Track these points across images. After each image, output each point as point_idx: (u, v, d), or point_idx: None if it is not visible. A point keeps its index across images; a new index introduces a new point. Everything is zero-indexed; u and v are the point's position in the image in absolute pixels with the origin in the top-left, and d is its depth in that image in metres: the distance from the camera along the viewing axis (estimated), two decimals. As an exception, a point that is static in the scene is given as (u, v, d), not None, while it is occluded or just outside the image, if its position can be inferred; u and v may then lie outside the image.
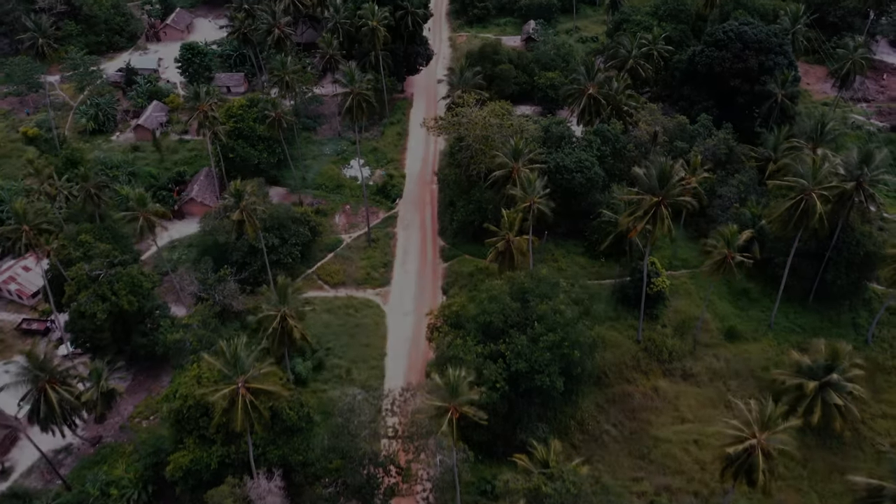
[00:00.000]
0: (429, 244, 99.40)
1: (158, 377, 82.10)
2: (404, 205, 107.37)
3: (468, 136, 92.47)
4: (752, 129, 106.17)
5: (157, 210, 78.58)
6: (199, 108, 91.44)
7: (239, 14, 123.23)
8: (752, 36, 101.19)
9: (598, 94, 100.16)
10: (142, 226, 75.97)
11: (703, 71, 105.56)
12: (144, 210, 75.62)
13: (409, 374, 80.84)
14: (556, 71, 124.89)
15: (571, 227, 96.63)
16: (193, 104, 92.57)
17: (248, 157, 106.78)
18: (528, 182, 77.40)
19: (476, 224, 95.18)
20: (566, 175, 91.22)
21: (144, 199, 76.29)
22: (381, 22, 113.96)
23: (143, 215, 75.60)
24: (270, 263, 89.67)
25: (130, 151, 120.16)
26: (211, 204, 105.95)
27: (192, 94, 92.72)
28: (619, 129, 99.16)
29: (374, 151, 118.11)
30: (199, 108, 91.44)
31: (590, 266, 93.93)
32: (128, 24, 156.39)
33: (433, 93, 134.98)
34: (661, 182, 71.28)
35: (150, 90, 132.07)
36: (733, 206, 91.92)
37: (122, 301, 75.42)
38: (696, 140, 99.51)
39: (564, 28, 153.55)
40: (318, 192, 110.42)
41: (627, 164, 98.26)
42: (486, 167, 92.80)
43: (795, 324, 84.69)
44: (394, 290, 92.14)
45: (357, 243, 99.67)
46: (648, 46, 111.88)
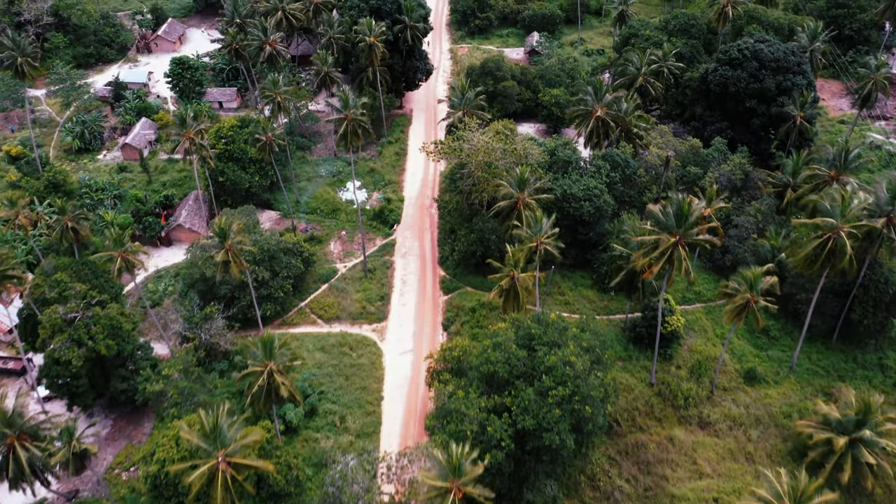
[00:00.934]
0: (428, 275, 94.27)
1: (140, 423, 76.98)
2: (402, 231, 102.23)
3: (470, 163, 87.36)
4: (769, 151, 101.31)
5: (136, 249, 73.34)
6: (184, 134, 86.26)
7: (230, 29, 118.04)
8: (769, 54, 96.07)
9: (607, 115, 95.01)
10: (119, 267, 70.72)
11: (716, 90, 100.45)
12: (122, 250, 70.35)
13: (408, 421, 75.83)
14: (561, 87, 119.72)
15: (579, 258, 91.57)
16: (179, 130, 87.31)
17: (239, 180, 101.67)
18: (534, 221, 72.18)
19: (478, 255, 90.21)
20: (574, 204, 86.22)
21: (121, 239, 71.10)
22: (379, 38, 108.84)
23: (120, 255, 70.38)
24: (261, 298, 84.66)
25: (117, 172, 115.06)
26: (200, 230, 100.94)
27: (178, 120, 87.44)
28: (629, 153, 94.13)
29: (372, 173, 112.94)
30: (184, 134, 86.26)
31: (598, 300, 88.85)
32: (118, 36, 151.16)
33: (433, 108, 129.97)
34: (679, 220, 66.15)
35: (139, 106, 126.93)
36: (751, 236, 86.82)
37: (99, 346, 70.28)
38: (710, 165, 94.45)
39: (569, 40, 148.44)
40: (312, 217, 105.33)
41: (638, 190, 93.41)
42: (490, 195, 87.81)
43: (819, 365, 79.56)
44: (391, 326, 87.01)
45: (353, 273, 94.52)
46: (658, 63, 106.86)
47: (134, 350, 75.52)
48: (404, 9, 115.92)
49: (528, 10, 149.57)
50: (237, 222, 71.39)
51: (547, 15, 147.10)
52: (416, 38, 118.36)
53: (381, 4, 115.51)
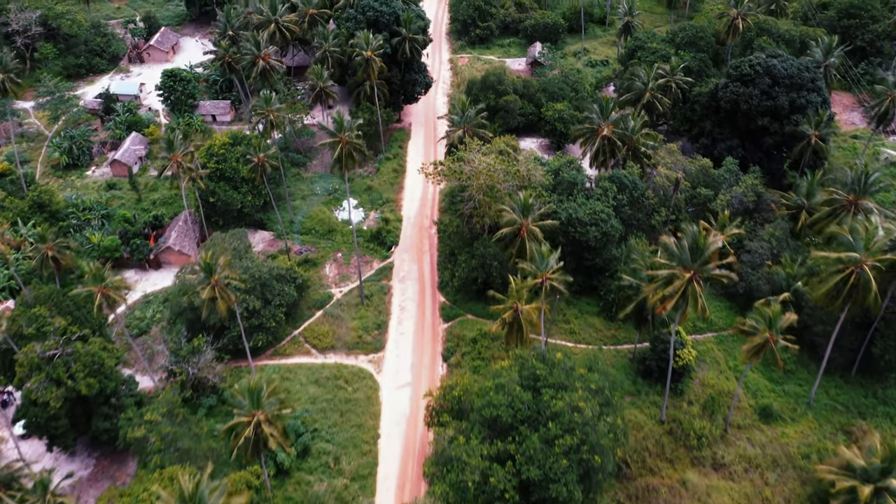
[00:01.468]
0: (427, 301, 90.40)
1: (124, 463, 73.03)
2: (400, 253, 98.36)
3: (471, 186, 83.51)
4: (781, 171, 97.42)
5: (117, 284, 69.34)
6: (172, 158, 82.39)
7: (223, 41, 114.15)
8: (783, 71, 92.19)
9: (613, 134, 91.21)
10: (99, 304, 66.81)
11: (727, 107, 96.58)
12: (102, 286, 66.44)
13: (406, 461, 72.00)
14: (564, 101, 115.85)
15: (585, 284, 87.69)
16: (166, 153, 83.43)
17: (231, 201, 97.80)
18: (539, 256, 68.30)
19: (479, 281, 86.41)
20: (579, 229, 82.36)
21: (101, 274, 67.13)
22: (377, 51, 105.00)
23: (100, 291, 66.48)
24: (252, 327, 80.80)
25: (105, 190, 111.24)
26: (190, 252, 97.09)
27: (165, 143, 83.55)
28: (637, 173, 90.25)
29: (369, 191, 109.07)
30: (172, 158, 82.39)
31: (605, 328, 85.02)
32: (109, 45, 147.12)
33: (432, 122, 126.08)
34: (694, 254, 62.36)
35: (129, 120, 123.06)
36: (765, 263, 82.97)
37: (79, 385, 66.46)
38: (722, 186, 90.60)
39: (572, 50, 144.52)
40: (306, 238, 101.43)
41: (646, 213, 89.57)
42: (492, 220, 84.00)
43: (837, 401, 75.72)
44: (388, 357, 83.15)
45: (348, 299, 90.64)
46: (666, 78, 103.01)
47: (117, 386, 71.67)
48: (402, 21, 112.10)
49: (529, 20, 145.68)
50: (224, 256, 67.40)
51: (549, 24, 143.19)
52: (415, 51, 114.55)
53: (379, 16, 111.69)
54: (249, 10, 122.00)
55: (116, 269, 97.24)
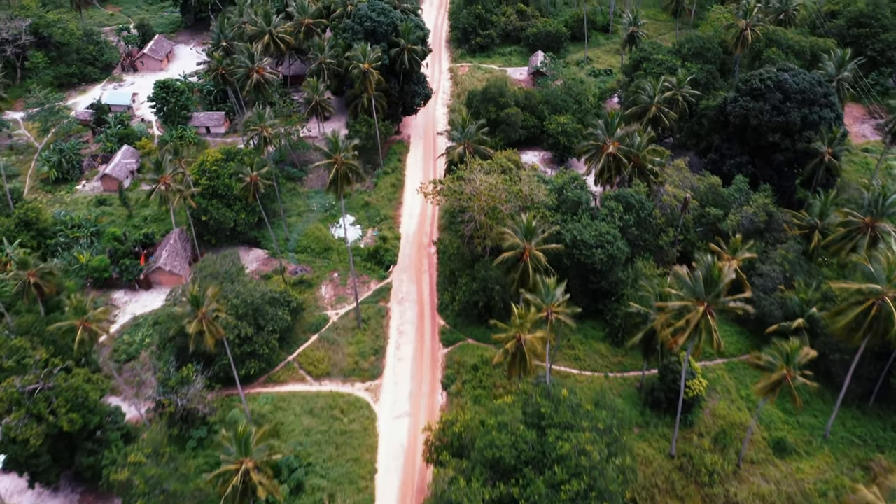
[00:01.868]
0: (427, 324, 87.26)
1: (109, 499, 69.78)
2: (399, 273, 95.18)
3: (472, 207, 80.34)
4: (793, 188, 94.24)
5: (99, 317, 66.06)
6: (161, 179, 79.22)
7: (216, 52, 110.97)
8: (794, 85, 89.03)
9: (619, 151, 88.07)
10: (81, 339, 63.63)
11: (736, 122, 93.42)
12: (83, 319, 63.26)
13: (404, 497, 68.87)
14: (567, 114, 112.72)
15: (590, 307, 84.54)
16: (155, 175, 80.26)
17: (224, 219, 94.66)
18: (545, 288, 65.11)
19: (480, 305, 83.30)
20: (584, 251, 79.25)
21: (83, 307, 63.94)
22: (374, 64, 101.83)
23: (82, 325, 63.31)
24: (244, 354, 77.64)
25: (95, 205, 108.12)
26: (181, 273, 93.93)
27: (153, 164, 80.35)
28: (643, 192, 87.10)
29: (366, 207, 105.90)
30: (161, 179, 79.22)
31: (611, 355, 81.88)
32: (101, 54, 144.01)
33: (432, 134, 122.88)
34: (709, 285, 59.22)
35: (121, 132, 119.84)
36: (777, 287, 79.81)
37: (61, 421, 63.40)
38: (731, 206, 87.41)
39: (574, 59, 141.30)
40: (302, 257, 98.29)
41: (653, 233, 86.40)
42: (493, 242, 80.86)
43: (854, 434, 72.52)
44: (386, 384, 79.98)
45: (345, 322, 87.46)
46: (673, 91, 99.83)
47: (102, 419, 68.52)
48: (401, 31, 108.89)
49: (531, 28, 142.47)
50: (212, 287, 64.19)
51: (552, 33, 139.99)
52: (414, 62, 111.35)
53: (377, 27, 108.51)
54: (244, 20, 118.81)
55: (105, 289, 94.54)
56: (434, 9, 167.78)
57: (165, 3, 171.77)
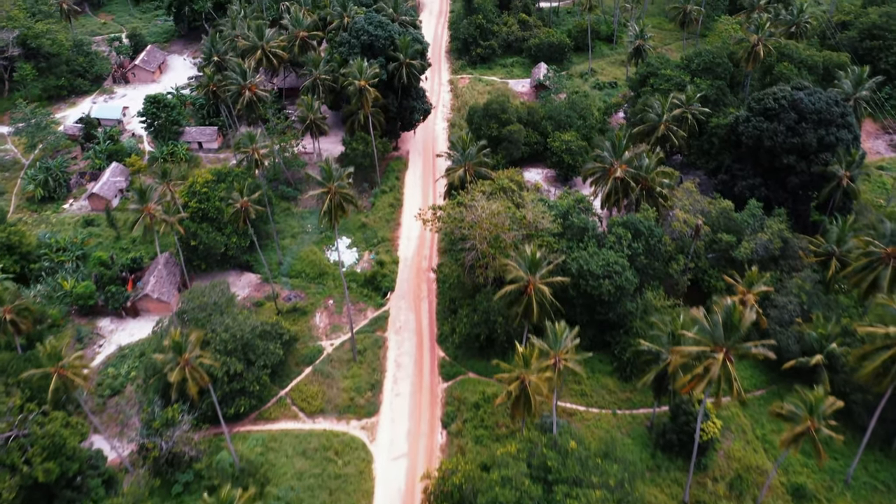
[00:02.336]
0: (426, 356, 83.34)
1: (89, 550, 66.03)
2: (397, 300, 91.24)
3: (472, 236, 76.43)
4: (807, 212, 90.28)
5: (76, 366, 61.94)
6: (144, 209, 75.30)
7: (207, 68, 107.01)
8: (810, 105, 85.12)
9: (627, 174, 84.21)
10: (56, 387, 59.67)
11: (748, 143, 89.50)
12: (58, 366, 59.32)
13: (401, 548, 65.05)
14: (571, 130, 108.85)
15: (596, 339, 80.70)
16: (138, 205, 76.31)
17: (214, 244, 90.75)
18: (553, 334, 61.19)
19: (482, 338, 79.42)
20: (591, 282, 75.35)
21: (58, 353, 60.03)
22: (371, 80, 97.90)
23: (56, 372, 59.36)
24: (233, 392, 73.78)
25: (83, 226, 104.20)
26: (169, 300, 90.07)
27: (136, 194, 76.43)
28: (652, 216, 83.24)
29: (363, 228, 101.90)
30: (144, 209, 75.30)
31: (619, 390, 77.96)
32: (92, 65, 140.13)
33: (431, 149, 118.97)
34: (728, 330, 55.35)
35: (110, 149, 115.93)
36: (794, 320, 75.91)
37: (36, 471, 59.47)
38: (745, 231, 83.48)
39: (578, 70, 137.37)
40: (296, 282, 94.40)
41: (663, 261, 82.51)
42: (496, 272, 76.98)
43: (877, 479, 68.59)
44: (383, 423, 76.03)
45: (340, 354, 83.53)
46: (682, 108, 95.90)
47: (82, 466, 64.63)
48: (399, 46, 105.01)
49: (534, 38, 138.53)
50: (196, 332, 60.25)
51: (554, 44, 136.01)
52: (413, 77, 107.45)
53: (374, 41, 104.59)
54: (236, 33, 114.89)
55: (91, 316, 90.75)
56: (433, 17, 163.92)
57: (159, 11, 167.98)
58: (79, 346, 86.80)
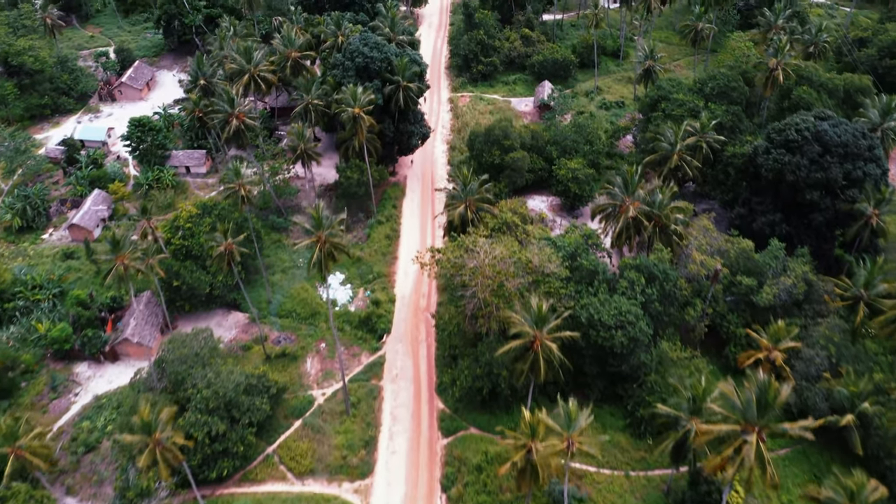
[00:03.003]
0: (424, 408, 77.68)
1: None
2: (393, 343, 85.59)
3: (474, 283, 70.76)
4: (832, 251, 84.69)
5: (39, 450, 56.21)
6: (118, 259, 69.61)
7: (193, 93, 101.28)
8: (835, 137, 79.54)
9: (640, 212, 78.64)
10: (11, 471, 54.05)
11: (768, 176, 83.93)
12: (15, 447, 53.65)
13: None
14: (577, 157, 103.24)
15: (607, 391, 75.23)
16: (110, 255, 70.60)
17: (198, 284, 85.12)
18: (566, 415, 55.48)
19: (485, 392, 73.80)
20: (602, 332, 69.76)
21: (15, 433, 54.36)
22: (366, 108, 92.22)
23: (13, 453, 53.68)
24: (215, 454, 68.09)
25: (62, 259, 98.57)
26: (150, 344, 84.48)
27: (109, 243, 70.74)
28: (667, 257, 77.64)
29: (358, 263, 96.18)
30: (118, 259, 69.61)
31: (633, 448, 72.29)
32: (77, 83, 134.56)
33: (430, 173, 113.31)
34: (762, 409, 49.79)
35: (92, 175, 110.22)
36: (822, 375, 70.30)
37: (-7, 558, 53.99)
38: (766, 274, 77.82)
39: (584, 88, 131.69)
40: (286, 322, 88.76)
41: (679, 306, 76.90)
42: (499, 323, 71.36)
43: (916, 554, 63.05)
44: (378, 484, 70.34)
45: (332, 406, 77.89)
46: (696, 136, 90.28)
47: (48, 543, 59.19)
48: (396, 68, 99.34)
49: (537, 55, 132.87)
50: (167, 409, 54.60)
51: (559, 60, 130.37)
52: (410, 100, 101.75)
53: (369, 63, 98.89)
54: (224, 53, 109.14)
55: (67, 360, 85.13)
56: (433, 30, 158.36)
57: (148, 24, 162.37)
58: (52, 395, 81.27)
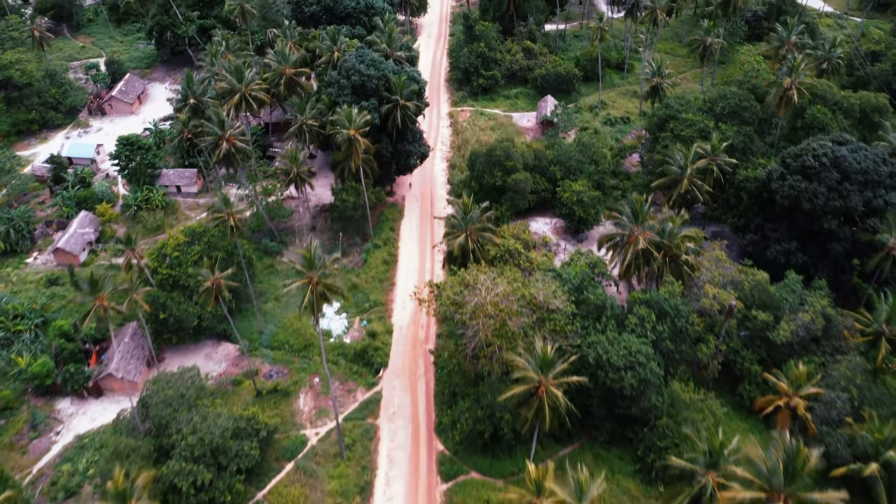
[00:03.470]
0: (422, 450, 73.74)
1: None
2: (390, 378, 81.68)
3: (475, 322, 66.84)
4: (850, 282, 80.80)
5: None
6: (97, 300, 65.78)
7: (182, 113, 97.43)
8: (855, 164, 75.68)
9: (650, 243, 74.78)
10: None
11: (783, 203, 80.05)
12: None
13: None
14: (582, 177, 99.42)
15: (616, 432, 71.38)
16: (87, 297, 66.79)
17: (186, 316, 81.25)
18: (577, 485, 51.55)
19: (486, 436, 69.89)
20: (611, 374, 65.90)
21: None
22: (362, 129, 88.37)
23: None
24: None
25: (46, 285, 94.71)
26: (136, 379, 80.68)
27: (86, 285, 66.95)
28: (678, 290, 73.78)
29: (354, 290, 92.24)
30: (97, 300, 65.78)
31: (643, 496, 68.31)
32: (66, 97, 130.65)
33: (429, 193, 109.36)
34: (790, 476, 45.97)
35: (79, 196, 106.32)
36: (844, 420, 66.39)
37: None
38: (783, 308, 73.88)
39: (587, 103, 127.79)
40: (278, 355, 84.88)
41: (691, 342, 73.02)
42: (501, 365, 67.42)
43: None
44: (373, 536, 66.63)
45: (326, 447, 73.94)
46: (707, 158, 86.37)
47: None
48: (394, 86, 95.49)
49: (540, 69, 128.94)
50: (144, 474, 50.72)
51: (562, 74, 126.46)
52: (408, 119, 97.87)
53: (366, 81, 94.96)
54: (216, 69, 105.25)
55: (49, 396, 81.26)
56: (432, 41, 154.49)
57: (141, 34, 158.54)
58: (33, 434, 77.48)
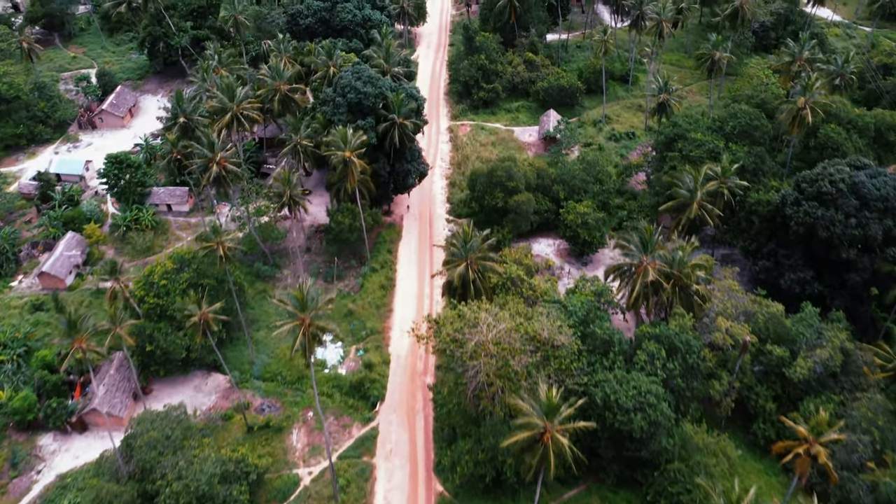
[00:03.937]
0: (421, 490, 70.19)
1: None
2: (387, 413, 78.10)
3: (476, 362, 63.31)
4: (868, 312, 77.32)
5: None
6: (75, 342, 62.42)
7: (171, 132, 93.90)
8: (874, 191, 72.29)
9: (659, 273, 71.30)
10: None
11: (798, 230, 76.57)
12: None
13: None
14: (587, 198, 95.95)
15: (624, 474, 67.90)
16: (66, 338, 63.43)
17: (173, 348, 77.70)
18: None
19: (488, 479, 66.35)
20: (620, 416, 62.44)
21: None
22: (358, 150, 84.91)
23: None
24: (187, 554, 60.81)
25: (30, 311, 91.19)
26: (121, 413, 77.22)
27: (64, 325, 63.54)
28: (689, 323, 70.31)
29: (350, 317, 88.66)
30: (75, 342, 62.42)
31: (654, 544, 64.98)
32: (55, 111, 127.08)
33: (428, 212, 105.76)
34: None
35: (66, 216, 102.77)
36: (866, 465, 62.91)
37: None
38: (799, 342, 70.39)
39: (591, 117, 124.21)
40: (270, 387, 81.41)
41: (702, 378, 69.53)
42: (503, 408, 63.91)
43: None
44: (369, 587, 63.12)
45: (319, 488, 70.40)
46: (717, 181, 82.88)
47: None
48: (391, 104, 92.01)
49: (542, 81, 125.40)
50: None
51: (564, 87, 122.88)
52: (406, 138, 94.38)
53: (362, 99, 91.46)
54: (208, 84, 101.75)
55: (31, 431, 77.87)
56: (431, 51, 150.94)
57: (133, 44, 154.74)
58: (13, 472, 74.06)
